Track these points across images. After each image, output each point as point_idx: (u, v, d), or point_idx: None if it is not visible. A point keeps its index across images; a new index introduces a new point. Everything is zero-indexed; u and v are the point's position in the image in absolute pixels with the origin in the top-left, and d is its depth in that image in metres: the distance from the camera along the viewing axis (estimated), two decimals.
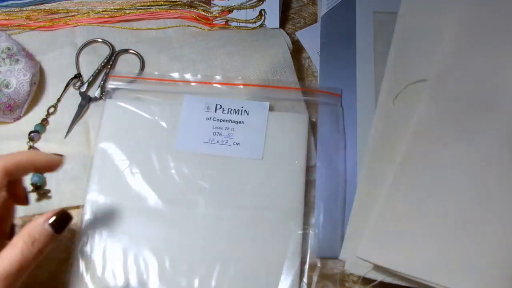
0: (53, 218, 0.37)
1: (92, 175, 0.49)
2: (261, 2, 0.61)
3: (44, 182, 0.50)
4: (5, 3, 0.60)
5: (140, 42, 0.59)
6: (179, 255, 0.46)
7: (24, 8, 0.60)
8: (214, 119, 0.52)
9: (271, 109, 0.53)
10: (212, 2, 0.62)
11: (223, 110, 0.52)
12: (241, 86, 0.54)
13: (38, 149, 0.52)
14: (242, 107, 0.52)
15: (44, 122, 0.53)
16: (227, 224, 0.48)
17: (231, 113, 0.52)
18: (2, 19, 0.59)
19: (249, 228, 0.47)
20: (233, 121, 0.52)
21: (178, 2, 0.61)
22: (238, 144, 0.51)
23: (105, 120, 0.52)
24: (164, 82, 0.54)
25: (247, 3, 0.61)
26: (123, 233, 0.47)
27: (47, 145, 0.52)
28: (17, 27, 0.59)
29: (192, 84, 0.54)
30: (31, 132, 0.52)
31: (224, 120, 0.52)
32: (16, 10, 0.59)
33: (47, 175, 0.51)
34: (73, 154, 0.52)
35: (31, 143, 0.52)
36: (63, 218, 0.38)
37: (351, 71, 0.56)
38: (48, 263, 0.47)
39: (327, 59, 0.58)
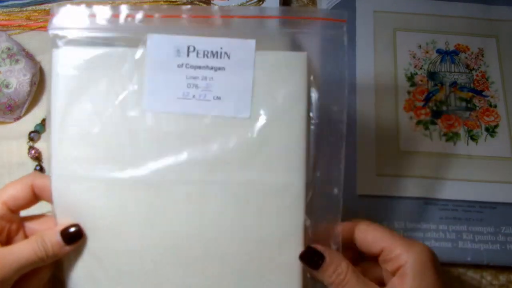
0: (68, 230, 0.38)
1: (53, 146, 0.40)
2: (261, 2, 0.61)
3: None
4: (5, 3, 0.60)
5: None
6: (157, 244, 0.38)
7: (24, 8, 0.60)
8: (187, 65, 0.39)
9: (258, 48, 0.39)
10: (212, 2, 0.62)
11: (197, 54, 0.39)
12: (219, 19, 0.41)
13: (37, 149, 0.52)
14: (221, 48, 0.39)
15: (44, 122, 0.53)
16: (212, 204, 0.39)
17: (207, 57, 0.39)
18: (2, 19, 0.59)
19: (238, 210, 0.39)
20: (211, 68, 0.39)
21: (178, 2, 0.61)
22: (219, 98, 0.39)
23: (56, 74, 0.39)
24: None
25: (247, 3, 0.61)
26: (92, 216, 0.39)
27: (47, 145, 0.52)
28: (17, 27, 0.59)
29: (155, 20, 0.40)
30: (31, 132, 0.52)
31: (199, 67, 0.39)
32: (16, 10, 0.59)
33: (46, 174, 0.51)
34: None
35: (31, 143, 0.52)
36: (75, 233, 0.38)
37: (351, 71, 0.57)
38: None
39: None
